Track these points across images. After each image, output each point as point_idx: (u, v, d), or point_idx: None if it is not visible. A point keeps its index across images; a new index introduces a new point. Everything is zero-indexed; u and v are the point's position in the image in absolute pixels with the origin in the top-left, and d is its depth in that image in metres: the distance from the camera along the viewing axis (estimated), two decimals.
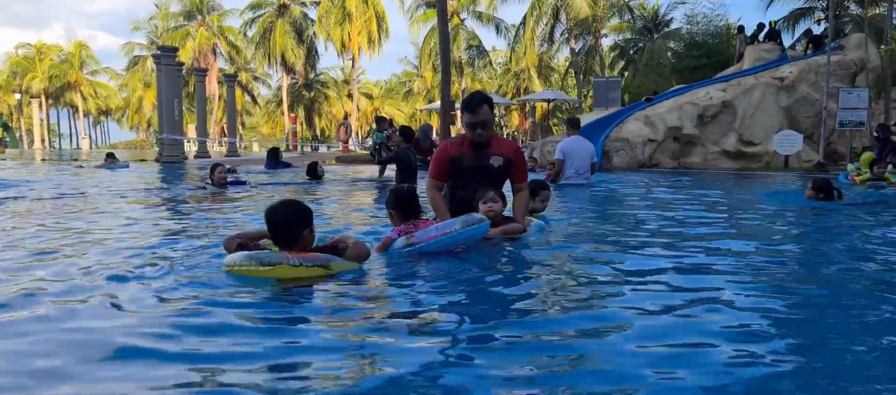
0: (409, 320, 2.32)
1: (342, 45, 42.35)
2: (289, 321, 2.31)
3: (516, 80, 44.26)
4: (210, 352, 1.97)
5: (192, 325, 2.21)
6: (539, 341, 2.06)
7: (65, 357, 1.94)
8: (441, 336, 2.11)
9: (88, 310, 2.45)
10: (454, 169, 4.16)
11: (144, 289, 2.73)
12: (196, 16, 47.45)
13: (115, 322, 2.27)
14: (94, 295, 2.63)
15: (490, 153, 4.14)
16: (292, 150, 29.78)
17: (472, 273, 3.06)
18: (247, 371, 1.80)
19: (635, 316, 2.29)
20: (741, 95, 15.71)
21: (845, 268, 3.31)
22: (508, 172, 4.19)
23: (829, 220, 5.37)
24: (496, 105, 36.24)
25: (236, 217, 5.58)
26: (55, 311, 2.43)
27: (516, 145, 4.45)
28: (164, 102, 19.69)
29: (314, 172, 10.33)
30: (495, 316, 2.39)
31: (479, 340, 2.10)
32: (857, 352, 1.98)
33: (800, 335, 2.18)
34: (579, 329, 2.17)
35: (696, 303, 2.47)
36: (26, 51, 59.18)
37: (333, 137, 49.30)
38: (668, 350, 1.98)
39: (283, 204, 3.07)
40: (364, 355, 1.98)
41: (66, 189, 8.66)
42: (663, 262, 3.28)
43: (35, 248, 3.86)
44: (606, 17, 35.20)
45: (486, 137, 4.08)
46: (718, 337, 2.06)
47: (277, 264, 2.82)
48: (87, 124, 64.76)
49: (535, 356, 1.95)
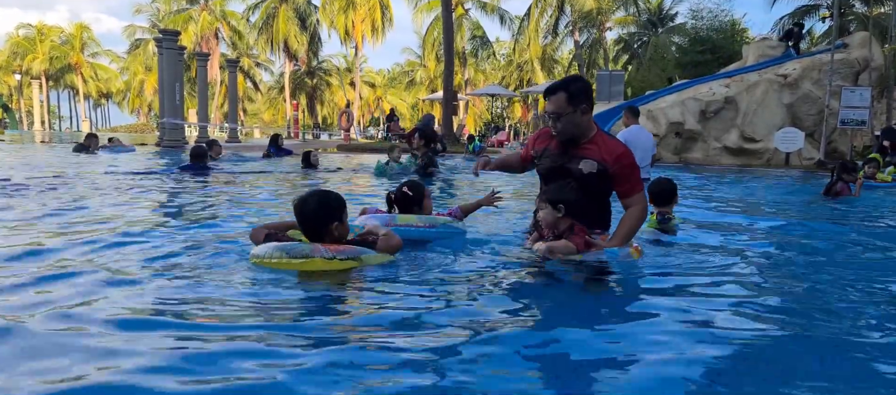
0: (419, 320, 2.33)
1: (345, 33, 42.24)
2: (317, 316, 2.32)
3: (519, 71, 44.11)
4: (216, 348, 1.99)
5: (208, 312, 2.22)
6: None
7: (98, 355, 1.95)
8: (448, 338, 2.12)
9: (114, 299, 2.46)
10: (537, 166, 3.53)
11: (160, 282, 2.72)
12: (198, 0, 47.22)
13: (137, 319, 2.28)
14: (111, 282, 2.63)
15: (580, 155, 3.28)
16: (294, 137, 29.72)
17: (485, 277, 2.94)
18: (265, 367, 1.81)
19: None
20: (744, 92, 15.67)
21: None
22: (609, 183, 3.31)
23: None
24: (498, 97, 36.42)
25: (239, 204, 5.59)
26: (73, 316, 2.42)
27: (623, 150, 3.31)
28: (165, 87, 19.62)
29: (308, 160, 10.16)
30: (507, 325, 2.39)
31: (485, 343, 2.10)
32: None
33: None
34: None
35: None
36: (27, 31, 58.95)
37: (335, 125, 49.19)
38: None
39: (314, 195, 2.95)
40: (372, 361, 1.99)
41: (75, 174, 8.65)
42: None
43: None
44: (611, 10, 35.03)
45: (565, 134, 3.29)
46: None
47: (310, 256, 2.71)
48: (87, 107, 64.61)
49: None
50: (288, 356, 1.82)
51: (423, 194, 3.76)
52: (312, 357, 1.82)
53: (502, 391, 1.65)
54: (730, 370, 1.83)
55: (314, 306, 2.42)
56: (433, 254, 3.22)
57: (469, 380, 1.70)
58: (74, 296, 2.39)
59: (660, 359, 1.88)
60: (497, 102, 38.78)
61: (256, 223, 3.47)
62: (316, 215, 2.86)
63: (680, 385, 1.70)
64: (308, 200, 2.89)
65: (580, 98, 3.23)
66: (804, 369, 1.85)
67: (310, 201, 2.88)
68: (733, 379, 1.76)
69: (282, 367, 1.73)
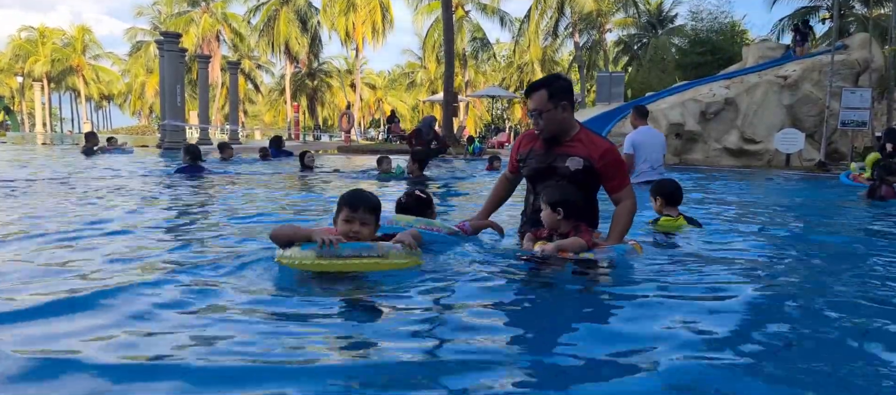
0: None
1: (346, 35, 42.30)
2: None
3: (520, 73, 44.16)
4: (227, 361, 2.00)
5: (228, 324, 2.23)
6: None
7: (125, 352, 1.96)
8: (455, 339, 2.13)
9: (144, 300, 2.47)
10: (523, 169, 3.54)
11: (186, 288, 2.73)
12: (200, 2, 47.31)
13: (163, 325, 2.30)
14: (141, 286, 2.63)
15: (566, 152, 3.32)
16: (294, 139, 29.75)
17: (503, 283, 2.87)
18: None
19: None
20: (744, 93, 15.68)
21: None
22: (596, 179, 3.34)
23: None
24: (498, 98, 36.44)
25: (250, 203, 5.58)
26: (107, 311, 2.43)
27: (608, 145, 3.37)
28: (166, 89, 19.65)
29: (302, 160, 9.92)
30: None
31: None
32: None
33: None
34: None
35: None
36: (29, 34, 59.10)
37: (336, 126, 49.23)
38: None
39: (360, 190, 2.94)
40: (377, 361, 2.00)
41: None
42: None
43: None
44: (611, 11, 35.08)
45: (548, 131, 3.33)
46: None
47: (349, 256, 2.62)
48: (89, 109, 64.73)
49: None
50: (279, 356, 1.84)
51: (432, 203, 3.67)
52: (308, 358, 1.84)
53: (504, 392, 1.66)
54: (733, 371, 1.83)
55: (314, 310, 2.43)
56: (427, 254, 3.22)
57: (470, 381, 1.71)
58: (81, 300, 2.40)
59: (667, 359, 1.87)
60: (497, 104, 38.82)
61: (252, 226, 3.45)
62: (378, 205, 2.85)
63: (685, 387, 1.69)
64: (363, 192, 2.88)
65: (561, 95, 3.28)
66: (813, 373, 1.84)
67: (366, 193, 2.87)
68: (735, 380, 1.76)
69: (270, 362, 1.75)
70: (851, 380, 1.77)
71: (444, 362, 1.86)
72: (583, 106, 31.76)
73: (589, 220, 3.29)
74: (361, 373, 1.75)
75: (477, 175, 10.56)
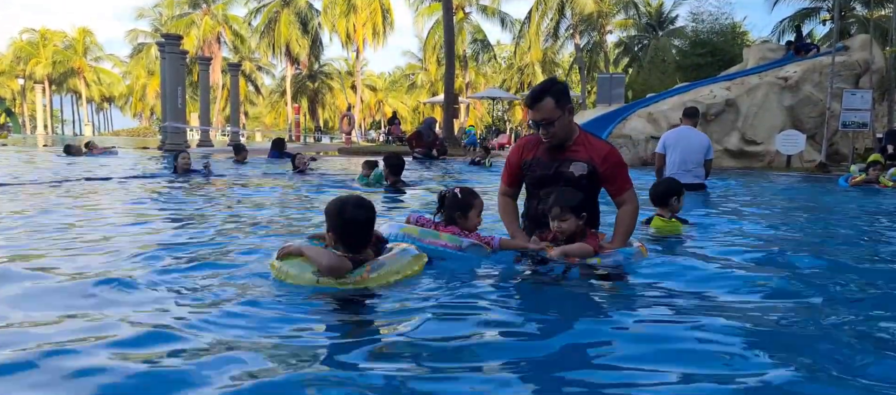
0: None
1: (347, 37, 42.32)
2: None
3: (520, 75, 44.16)
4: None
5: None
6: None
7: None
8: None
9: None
10: (525, 177, 3.46)
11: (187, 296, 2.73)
12: (201, 4, 47.34)
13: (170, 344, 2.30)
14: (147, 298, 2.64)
15: (569, 158, 3.28)
16: (295, 140, 29.79)
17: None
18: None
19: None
20: (745, 94, 15.68)
21: None
22: (597, 183, 3.32)
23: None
24: (499, 100, 36.42)
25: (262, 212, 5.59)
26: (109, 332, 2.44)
27: (609, 148, 3.35)
28: (167, 91, 19.68)
29: (294, 163, 9.63)
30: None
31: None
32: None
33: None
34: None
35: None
36: (30, 36, 59.18)
37: (336, 128, 49.26)
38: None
39: (359, 204, 2.66)
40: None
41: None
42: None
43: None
44: (611, 13, 35.06)
45: (558, 138, 3.26)
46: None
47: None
48: (90, 111, 64.81)
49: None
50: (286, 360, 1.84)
51: (472, 204, 3.31)
52: (310, 364, 1.84)
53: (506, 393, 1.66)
54: (737, 372, 1.83)
55: (316, 315, 2.43)
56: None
57: (470, 383, 1.71)
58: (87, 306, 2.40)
59: (671, 361, 1.87)
60: (498, 106, 38.80)
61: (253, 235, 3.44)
62: (369, 224, 2.66)
63: (690, 388, 1.69)
64: (352, 207, 2.61)
65: (564, 99, 3.22)
66: (815, 376, 1.84)
67: (356, 208, 2.61)
68: (739, 381, 1.76)
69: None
70: (863, 383, 1.76)
71: (444, 363, 1.86)
72: (584, 107, 31.77)
73: (592, 224, 3.32)
74: (362, 373, 1.75)
75: (465, 171, 10.44)
